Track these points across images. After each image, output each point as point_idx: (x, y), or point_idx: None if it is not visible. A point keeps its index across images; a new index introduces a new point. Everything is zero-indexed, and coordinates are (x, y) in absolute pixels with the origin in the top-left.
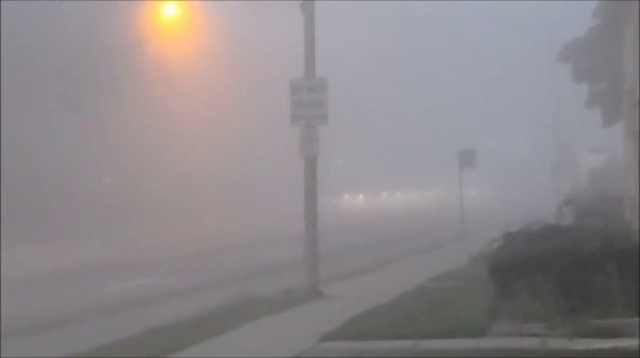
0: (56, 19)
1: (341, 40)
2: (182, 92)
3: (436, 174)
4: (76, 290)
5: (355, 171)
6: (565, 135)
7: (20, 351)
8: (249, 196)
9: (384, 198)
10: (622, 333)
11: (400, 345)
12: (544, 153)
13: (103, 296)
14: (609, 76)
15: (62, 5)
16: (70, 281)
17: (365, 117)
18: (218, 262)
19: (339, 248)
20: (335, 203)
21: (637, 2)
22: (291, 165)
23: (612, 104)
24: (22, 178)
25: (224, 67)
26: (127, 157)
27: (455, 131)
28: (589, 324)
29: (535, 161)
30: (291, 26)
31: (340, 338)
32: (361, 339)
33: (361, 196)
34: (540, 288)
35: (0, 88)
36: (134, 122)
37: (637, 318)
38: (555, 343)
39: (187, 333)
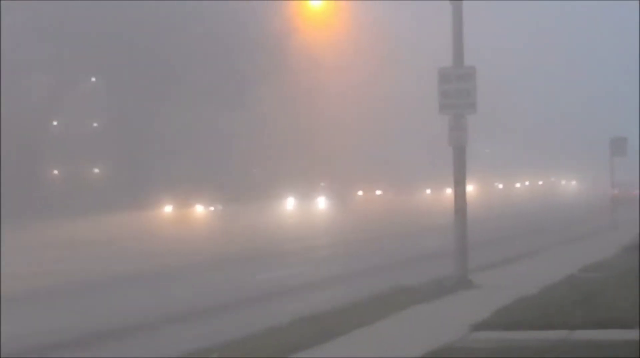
0: (204, 14)
1: (491, 29)
2: (329, 83)
3: (586, 163)
4: (224, 279)
5: (502, 160)
6: None
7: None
8: (397, 184)
9: (531, 186)
10: None
11: (553, 336)
12: None
13: (251, 286)
14: None
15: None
16: (220, 270)
17: (514, 106)
18: (366, 251)
19: (486, 237)
20: (483, 192)
21: None
22: (440, 155)
23: None
24: (176, 170)
25: (370, 57)
26: (276, 148)
27: (606, 119)
28: None
29: None
30: (439, 15)
31: (491, 328)
32: (512, 329)
33: (516, 184)
34: None
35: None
36: (282, 113)
37: None
38: None
39: (335, 323)
